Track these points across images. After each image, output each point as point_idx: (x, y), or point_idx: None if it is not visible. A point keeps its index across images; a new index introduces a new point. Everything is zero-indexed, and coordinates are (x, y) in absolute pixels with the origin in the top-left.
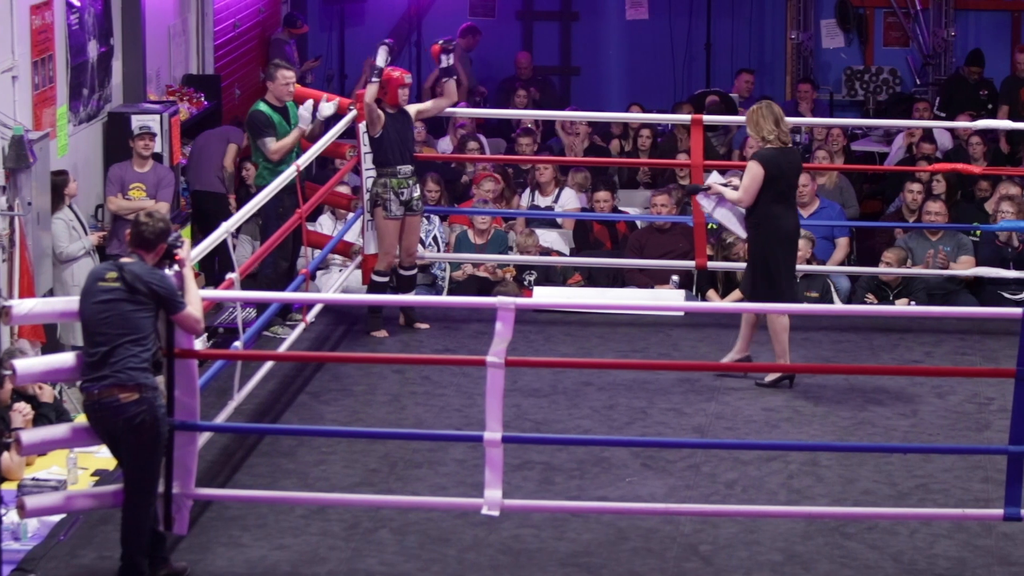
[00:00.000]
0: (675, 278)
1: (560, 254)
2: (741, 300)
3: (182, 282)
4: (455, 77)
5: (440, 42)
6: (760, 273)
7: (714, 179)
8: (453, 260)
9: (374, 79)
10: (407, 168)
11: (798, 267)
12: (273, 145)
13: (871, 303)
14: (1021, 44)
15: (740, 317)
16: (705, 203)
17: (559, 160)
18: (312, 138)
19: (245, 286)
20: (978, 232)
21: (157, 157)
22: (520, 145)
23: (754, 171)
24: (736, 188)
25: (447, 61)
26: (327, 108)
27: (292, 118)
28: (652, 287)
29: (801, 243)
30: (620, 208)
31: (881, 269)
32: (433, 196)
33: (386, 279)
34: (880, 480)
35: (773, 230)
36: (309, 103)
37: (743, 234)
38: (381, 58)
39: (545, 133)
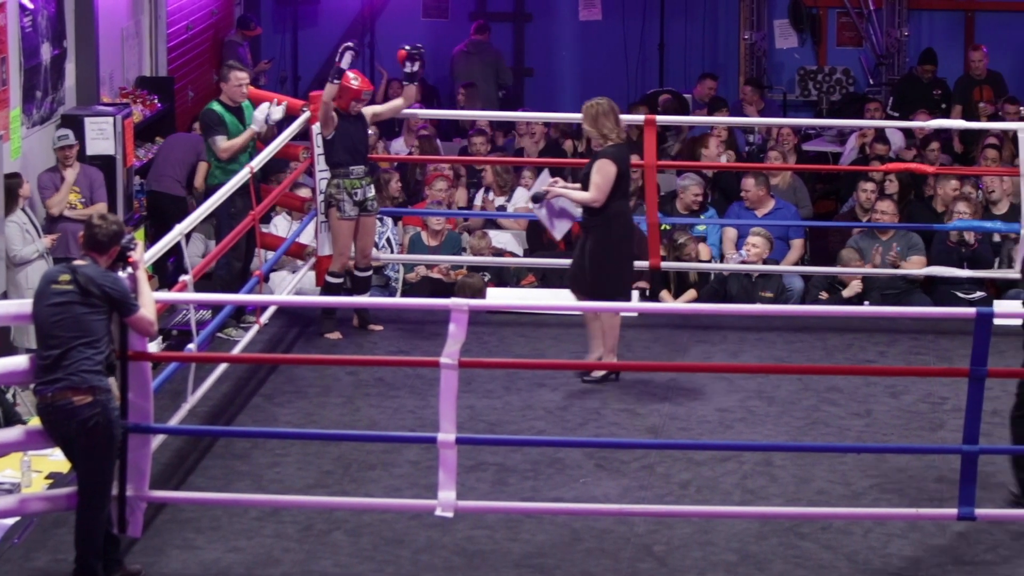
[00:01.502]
0: None
1: (513, 255)
2: (695, 300)
3: (135, 284)
4: (415, 84)
5: (407, 48)
6: (611, 269)
7: (544, 179)
8: (407, 262)
9: (334, 80)
10: (360, 169)
11: (754, 266)
12: (223, 143)
13: (825, 301)
14: (975, 44)
15: (694, 318)
16: (540, 212)
17: (513, 161)
18: (266, 141)
19: (199, 288)
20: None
21: (108, 160)
22: (474, 145)
23: (607, 170)
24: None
25: (411, 67)
26: (276, 112)
27: (246, 119)
28: None
29: (759, 241)
30: None
31: (832, 269)
32: (399, 198)
33: (340, 280)
34: (834, 480)
35: (622, 226)
36: (264, 106)
37: (558, 235)
38: (345, 61)
39: (504, 134)
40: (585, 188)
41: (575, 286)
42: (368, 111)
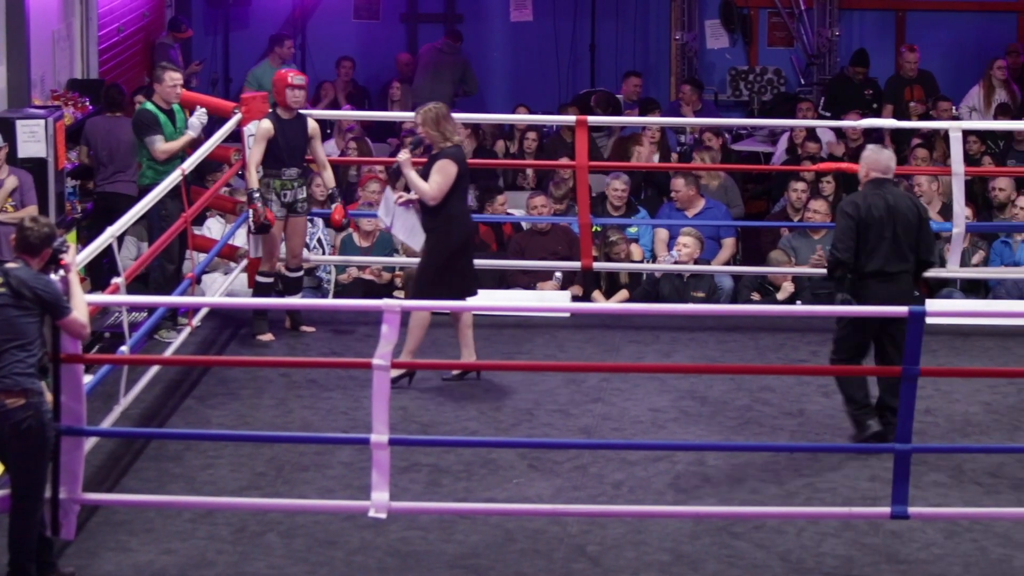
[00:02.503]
0: (558, 275)
1: None
2: (627, 301)
3: (68, 287)
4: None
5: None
6: (443, 269)
7: (388, 196)
8: (339, 263)
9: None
10: (293, 171)
11: (686, 267)
12: (161, 145)
13: (757, 301)
14: (906, 44)
15: (626, 318)
16: (385, 218)
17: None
18: (193, 146)
19: (132, 290)
20: None
21: (40, 162)
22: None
23: (448, 169)
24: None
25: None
26: (199, 118)
27: (178, 121)
28: (534, 287)
29: (690, 241)
30: (507, 211)
31: (763, 268)
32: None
33: (271, 280)
34: (767, 479)
35: (461, 227)
36: (202, 111)
37: (417, 245)
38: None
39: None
40: None
41: (409, 283)
42: (313, 127)
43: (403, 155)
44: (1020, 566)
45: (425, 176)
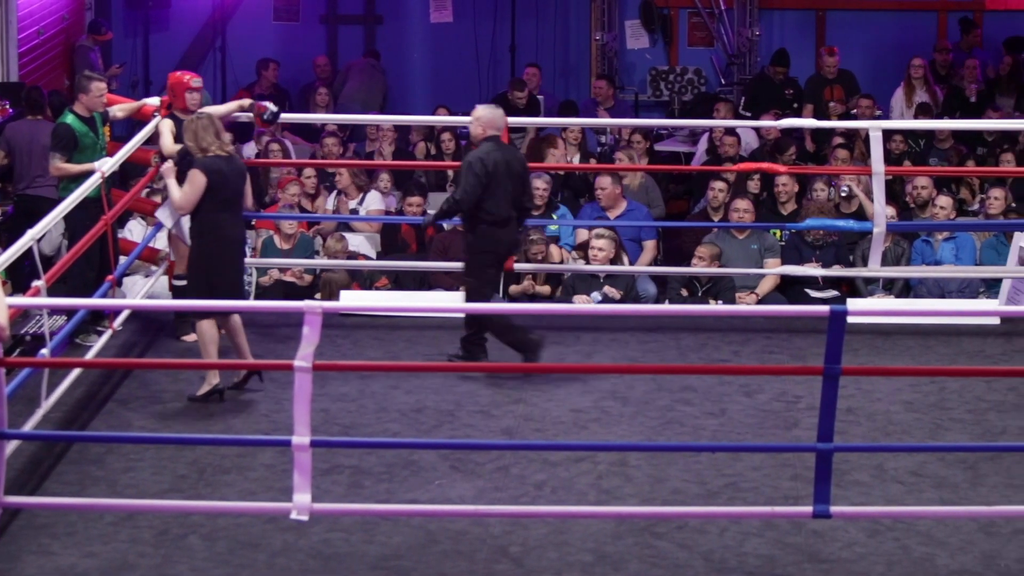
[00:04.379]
0: None
1: (367, 257)
2: (548, 300)
3: None
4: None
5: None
6: (202, 279)
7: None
8: (259, 265)
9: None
10: None
11: (601, 268)
12: (59, 163)
13: (685, 297)
14: (827, 46)
15: (547, 319)
16: (167, 220)
17: (364, 164)
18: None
19: (53, 293)
20: (779, 232)
21: None
22: (326, 146)
23: (196, 180)
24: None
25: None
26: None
27: (99, 127)
28: (458, 289)
29: (604, 244)
30: (429, 211)
31: (687, 269)
32: None
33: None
34: (689, 479)
35: (217, 238)
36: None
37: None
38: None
39: (354, 136)
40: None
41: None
42: (214, 111)
43: (166, 165)
44: (943, 564)
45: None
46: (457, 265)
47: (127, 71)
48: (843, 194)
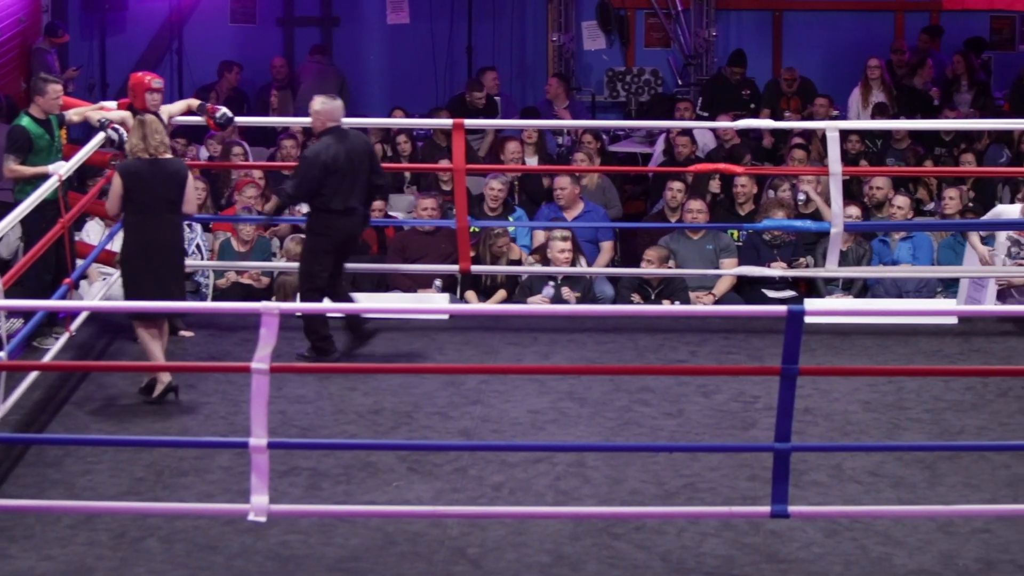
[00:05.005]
0: (438, 282)
1: None
2: (506, 301)
3: None
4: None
5: (216, 119)
6: (128, 283)
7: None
8: (217, 268)
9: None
10: None
11: (561, 269)
12: (12, 165)
13: (638, 303)
14: (786, 68)
15: (504, 320)
16: None
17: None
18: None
19: (10, 295)
20: (736, 233)
21: None
22: (284, 148)
23: (115, 182)
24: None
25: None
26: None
27: (54, 129)
28: (415, 291)
29: (563, 245)
30: (388, 213)
31: (643, 270)
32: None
33: None
34: (647, 480)
35: (135, 241)
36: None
37: None
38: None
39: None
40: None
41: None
42: (164, 112)
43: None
44: (900, 564)
45: None
46: (411, 267)
47: (84, 74)
48: (800, 200)
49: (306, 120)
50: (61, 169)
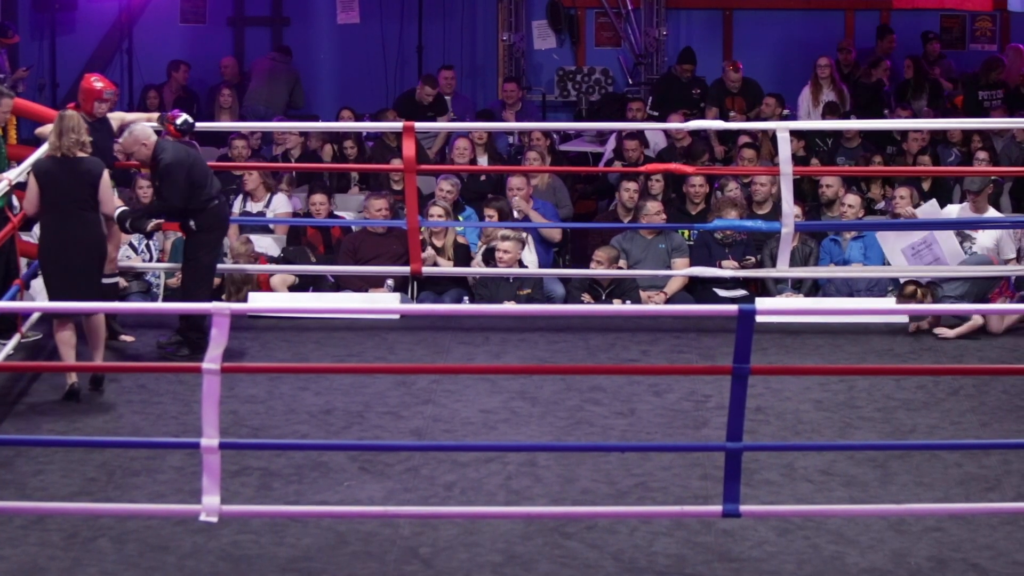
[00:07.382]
0: (390, 282)
1: (271, 259)
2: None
3: None
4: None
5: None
6: (45, 279)
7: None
8: (167, 269)
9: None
10: None
11: (509, 270)
12: None
13: (588, 302)
14: (731, 61)
15: (455, 319)
16: None
17: (273, 166)
18: None
19: None
20: (687, 232)
21: None
22: (235, 148)
23: (29, 181)
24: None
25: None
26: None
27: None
28: (367, 291)
29: (509, 246)
30: (336, 212)
31: (592, 271)
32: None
33: (113, 281)
34: (599, 479)
35: (47, 238)
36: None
37: None
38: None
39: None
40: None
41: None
42: (115, 118)
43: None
44: (852, 563)
45: None
46: (361, 269)
47: (34, 73)
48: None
49: (248, 125)
50: (11, 174)
